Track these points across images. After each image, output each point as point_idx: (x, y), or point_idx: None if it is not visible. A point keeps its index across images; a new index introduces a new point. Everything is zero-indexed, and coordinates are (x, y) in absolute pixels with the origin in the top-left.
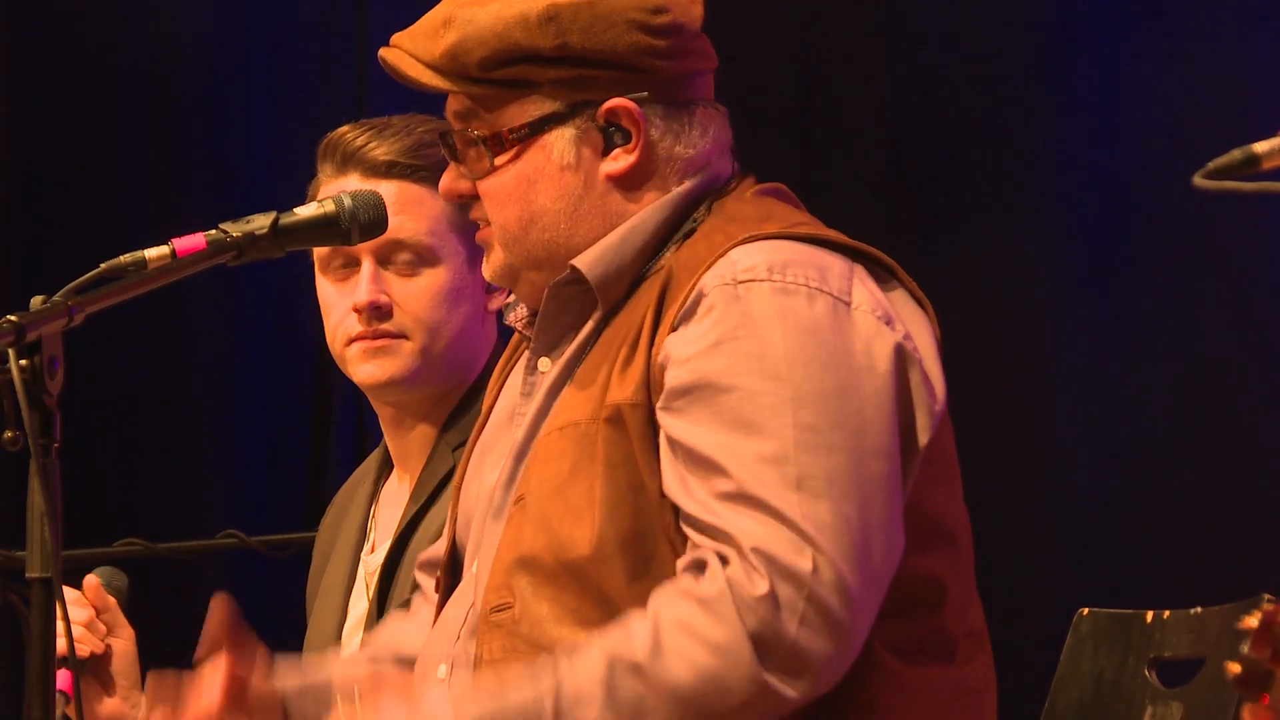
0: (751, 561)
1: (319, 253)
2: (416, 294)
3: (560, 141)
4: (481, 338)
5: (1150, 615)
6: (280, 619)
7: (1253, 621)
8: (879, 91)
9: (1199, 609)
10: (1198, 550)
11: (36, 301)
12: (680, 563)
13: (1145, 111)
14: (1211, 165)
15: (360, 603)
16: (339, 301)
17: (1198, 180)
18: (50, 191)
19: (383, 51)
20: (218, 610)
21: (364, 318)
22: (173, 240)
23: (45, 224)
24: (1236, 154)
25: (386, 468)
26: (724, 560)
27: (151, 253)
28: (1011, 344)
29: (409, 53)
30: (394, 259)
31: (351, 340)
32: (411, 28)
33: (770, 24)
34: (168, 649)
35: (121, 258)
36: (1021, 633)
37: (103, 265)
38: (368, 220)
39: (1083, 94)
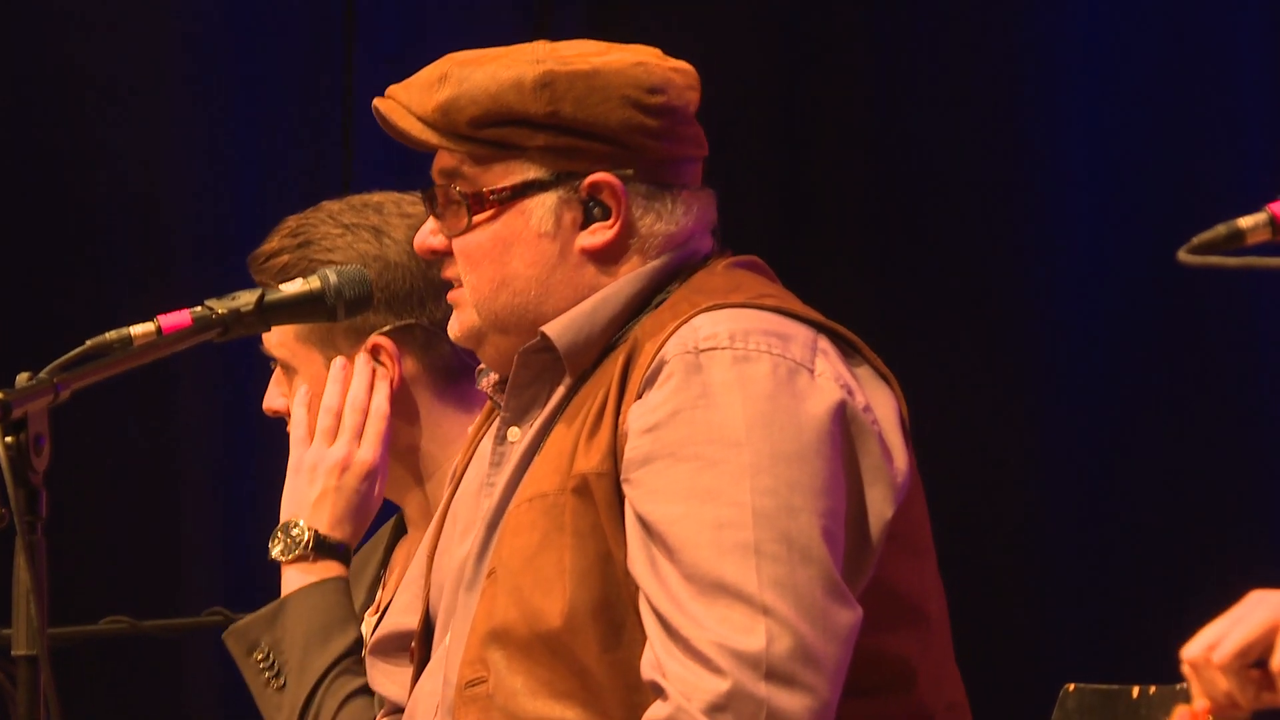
0: (707, 656)
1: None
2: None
3: (540, 208)
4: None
5: (1136, 690)
6: None
7: None
8: (864, 155)
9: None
10: (1184, 625)
11: (22, 378)
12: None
13: (1130, 184)
14: (1196, 240)
15: None
16: None
17: (1182, 255)
18: (36, 268)
19: (377, 101)
20: None
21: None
22: (158, 317)
23: (31, 301)
24: (1221, 229)
25: (401, 531)
26: (670, 673)
27: (137, 329)
28: (997, 414)
29: (403, 104)
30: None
31: None
32: (408, 80)
33: (753, 77)
34: None
35: (107, 334)
36: (1007, 709)
37: (88, 342)
38: (353, 296)
39: (1066, 167)
